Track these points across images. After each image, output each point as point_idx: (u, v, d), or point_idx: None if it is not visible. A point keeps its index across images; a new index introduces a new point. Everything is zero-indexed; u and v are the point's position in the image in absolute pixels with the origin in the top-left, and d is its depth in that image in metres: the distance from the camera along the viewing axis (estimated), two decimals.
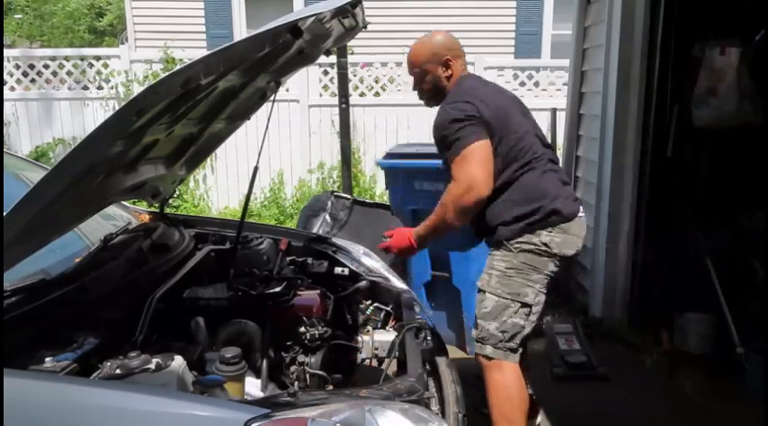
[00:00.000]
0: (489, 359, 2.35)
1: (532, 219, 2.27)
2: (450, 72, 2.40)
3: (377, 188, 6.71)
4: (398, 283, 2.62)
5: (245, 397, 1.80)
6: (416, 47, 2.46)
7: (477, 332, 2.38)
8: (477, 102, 2.24)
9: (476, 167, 2.18)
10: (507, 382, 2.34)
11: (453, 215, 2.23)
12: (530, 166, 2.29)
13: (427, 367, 2.18)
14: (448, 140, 2.25)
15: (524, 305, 2.32)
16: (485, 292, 2.35)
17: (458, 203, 2.20)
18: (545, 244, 2.28)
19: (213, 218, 4.33)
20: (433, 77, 2.42)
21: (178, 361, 1.69)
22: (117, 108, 2.01)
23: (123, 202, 2.76)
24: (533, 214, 2.26)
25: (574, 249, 2.36)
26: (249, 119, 2.64)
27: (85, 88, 6.83)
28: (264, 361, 2.04)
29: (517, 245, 2.29)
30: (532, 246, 2.28)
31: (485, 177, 2.18)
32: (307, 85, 6.71)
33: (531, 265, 2.30)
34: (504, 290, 2.31)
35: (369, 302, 2.53)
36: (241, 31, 8.51)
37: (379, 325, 2.46)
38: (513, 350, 2.35)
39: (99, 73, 6.81)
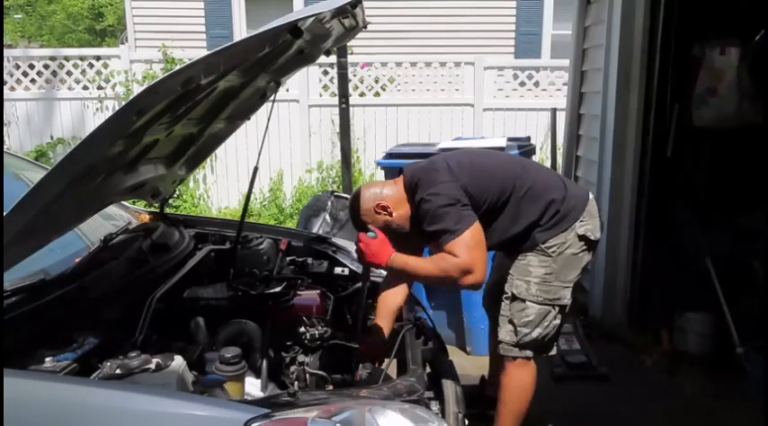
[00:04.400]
0: (527, 359, 2.38)
1: (563, 210, 2.28)
2: (390, 208, 2.26)
3: None
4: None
5: (245, 397, 1.80)
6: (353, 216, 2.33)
7: (518, 339, 2.35)
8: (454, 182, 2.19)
9: (480, 253, 2.14)
10: (533, 380, 2.42)
11: (441, 283, 2.20)
12: (526, 182, 2.29)
13: (427, 367, 2.18)
14: (441, 222, 2.14)
15: (563, 307, 2.37)
16: (524, 301, 2.33)
17: (455, 281, 2.14)
18: (583, 236, 2.31)
19: (213, 218, 4.33)
20: (387, 222, 2.27)
21: (178, 361, 1.69)
22: (117, 108, 2.01)
23: (123, 202, 2.76)
24: (560, 204, 2.29)
25: (600, 229, 2.40)
26: (249, 119, 2.64)
27: (85, 88, 6.83)
28: (264, 361, 2.04)
29: (555, 249, 2.30)
30: (568, 245, 2.30)
31: (485, 264, 2.16)
32: (307, 85, 6.71)
33: (569, 266, 2.33)
34: (546, 297, 2.32)
35: (369, 301, 2.53)
36: (241, 31, 8.51)
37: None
38: (548, 349, 2.43)
39: (99, 73, 6.81)
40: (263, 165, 3.24)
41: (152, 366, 1.62)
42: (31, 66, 6.82)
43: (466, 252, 2.09)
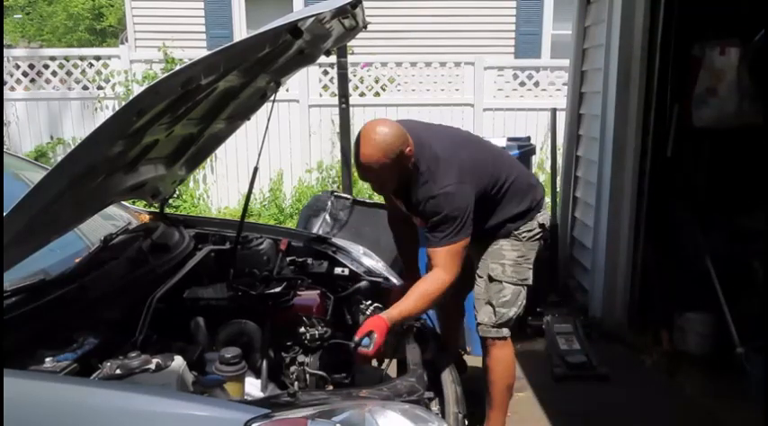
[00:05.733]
0: (503, 338, 2.53)
1: (532, 206, 2.52)
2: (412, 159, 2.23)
3: None
4: (398, 283, 2.62)
5: (245, 397, 1.80)
6: (371, 150, 2.16)
7: (496, 319, 2.50)
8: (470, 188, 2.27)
9: (459, 266, 2.28)
10: (513, 356, 2.60)
11: (436, 303, 2.29)
12: (510, 176, 2.45)
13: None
14: (445, 225, 2.23)
15: (528, 286, 2.58)
16: (501, 282, 2.50)
17: (442, 293, 2.25)
18: (542, 225, 2.56)
19: (213, 218, 4.33)
20: (400, 173, 2.23)
21: (178, 361, 1.69)
22: (117, 108, 2.00)
23: (123, 202, 2.76)
24: (531, 202, 2.51)
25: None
26: (249, 119, 2.64)
27: (85, 88, 6.83)
28: (264, 361, 2.05)
29: (525, 234, 2.52)
30: (534, 232, 2.53)
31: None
32: (307, 85, 6.71)
33: (533, 250, 2.56)
34: (518, 278, 2.52)
35: (369, 302, 2.53)
36: (241, 31, 8.51)
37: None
38: (511, 328, 2.59)
39: (99, 73, 6.80)
40: (263, 165, 3.24)
41: (152, 366, 1.62)
42: (31, 66, 6.81)
43: (450, 265, 2.24)
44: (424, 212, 2.27)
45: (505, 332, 2.53)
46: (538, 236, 2.56)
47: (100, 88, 6.80)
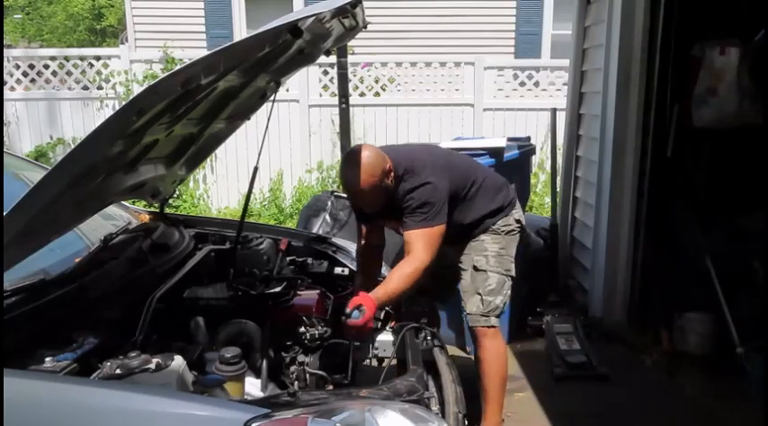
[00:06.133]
0: (491, 327, 2.61)
1: (505, 204, 2.67)
2: (392, 174, 2.41)
3: None
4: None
5: (245, 397, 1.80)
6: (358, 172, 2.34)
7: (483, 308, 2.59)
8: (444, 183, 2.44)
9: (434, 251, 2.39)
10: (503, 347, 2.69)
11: (414, 284, 2.37)
12: (478, 179, 2.61)
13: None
14: (422, 209, 2.39)
15: (512, 278, 2.69)
16: (486, 271, 2.61)
17: (420, 275, 2.35)
18: (518, 221, 2.72)
19: (213, 218, 4.34)
20: (387, 189, 2.41)
21: (178, 361, 1.69)
22: (117, 108, 2.01)
23: (123, 202, 2.76)
24: (504, 200, 2.67)
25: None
26: (249, 119, 2.64)
27: (85, 88, 6.84)
28: (264, 361, 2.05)
29: (503, 228, 2.67)
30: (512, 227, 2.69)
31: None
32: (307, 85, 6.71)
33: (512, 243, 2.71)
34: (501, 268, 2.64)
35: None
36: (241, 31, 8.51)
37: (379, 325, 2.46)
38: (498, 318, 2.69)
39: (99, 73, 6.80)
40: (263, 165, 3.24)
41: (152, 366, 1.62)
42: (31, 66, 6.81)
43: (425, 249, 2.36)
44: (406, 205, 2.41)
45: (494, 321, 2.61)
46: (516, 231, 2.71)
47: (100, 88, 6.81)
